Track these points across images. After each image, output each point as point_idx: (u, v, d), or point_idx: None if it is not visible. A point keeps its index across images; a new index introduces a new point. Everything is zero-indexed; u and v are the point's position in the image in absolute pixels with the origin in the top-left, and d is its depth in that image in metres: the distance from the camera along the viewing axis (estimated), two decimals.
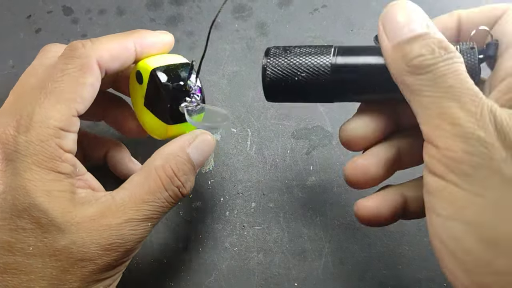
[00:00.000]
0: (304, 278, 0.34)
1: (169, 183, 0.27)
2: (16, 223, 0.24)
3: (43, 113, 0.25)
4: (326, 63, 0.28)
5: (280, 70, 0.28)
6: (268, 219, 0.37)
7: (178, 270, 0.35)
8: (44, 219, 0.24)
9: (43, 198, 0.25)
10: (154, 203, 0.27)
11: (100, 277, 0.26)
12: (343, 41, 0.45)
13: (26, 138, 0.25)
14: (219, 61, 0.44)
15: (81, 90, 0.27)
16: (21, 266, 0.24)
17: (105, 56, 0.28)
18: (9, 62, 0.45)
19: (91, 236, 0.25)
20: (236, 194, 0.38)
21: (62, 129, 0.26)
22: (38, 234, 0.24)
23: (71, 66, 0.27)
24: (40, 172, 0.25)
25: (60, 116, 0.26)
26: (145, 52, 0.31)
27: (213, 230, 0.36)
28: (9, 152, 0.25)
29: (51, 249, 0.24)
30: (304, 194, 0.37)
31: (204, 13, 0.47)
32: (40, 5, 0.48)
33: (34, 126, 0.25)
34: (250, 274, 0.35)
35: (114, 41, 0.29)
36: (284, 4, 0.48)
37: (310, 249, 0.35)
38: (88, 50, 0.27)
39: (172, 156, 0.28)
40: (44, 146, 0.25)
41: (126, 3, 0.48)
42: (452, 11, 0.30)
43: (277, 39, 0.45)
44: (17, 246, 0.24)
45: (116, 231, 0.26)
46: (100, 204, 0.26)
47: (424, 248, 0.35)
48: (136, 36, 0.30)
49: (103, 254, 0.25)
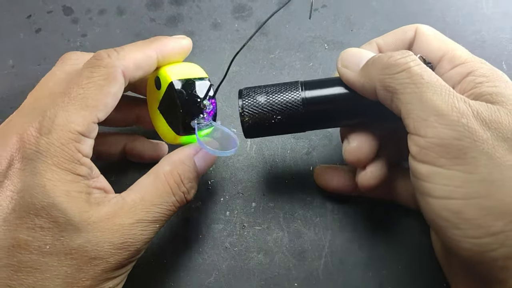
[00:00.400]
0: (304, 278, 0.34)
1: (176, 188, 0.29)
2: (34, 222, 0.25)
3: (66, 117, 0.26)
4: (298, 98, 0.30)
5: (257, 113, 0.30)
6: (268, 219, 0.37)
7: (178, 270, 0.35)
8: (62, 218, 0.25)
9: (62, 198, 0.25)
10: (162, 206, 0.28)
11: (111, 275, 0.27)
12: (343, 41, 0.45)
13: (48, 139, 0.26)
14: (219, 61, 0.44)
15: (105, 98, 0.28)
16: (36, 264, 0.25)
17: (130, 66, 0.29)
18: (9, 62, 0.45)
19: (104, 235, 0.26)
20: (236, 194, 0.38)
21: (83, 134, 0.27)
22: (55, 233, 0.25)
23: (97, 75, 0.28)
24: (60, 173, 0.26)
25: (83, 122, 0.27)
26: (166, 59, 0.32)
27: (213, 230, 0.36)
28: (29, 152, 0.26)
29: (67, 247, 0.25)
30: (304, 194, 0.37)
31: (204, 13, 0.47)
32: (40, 5, 0.48)
33: (56, 129, 0.26)
34: (250, 274, 0.35)
35: (138, 50, 0.30)
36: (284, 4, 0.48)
37: (310, 249, 0.35)
38: (114, 60, 0.28)
39: (179, 163, 0.30)
40: (65, 148, 0.26)
41: (126, 3, 0.48)
42: (370, 40, 0.34)
43: (277, 39, 0.45)
44: (34, 245, 0.25)
45: (128, 231, 0.27)
46: (112, 205, 0.27)
47: (424, 248, 0.35)
48: (157, 44, 0.31)
49: (115, 253, 0.26)
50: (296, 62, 0.44)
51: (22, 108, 0.30)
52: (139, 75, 0.30)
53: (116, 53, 0.29)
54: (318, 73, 0.43)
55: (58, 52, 0.45)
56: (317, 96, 0.31)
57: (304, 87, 0.31)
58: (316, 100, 0.30)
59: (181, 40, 0.33)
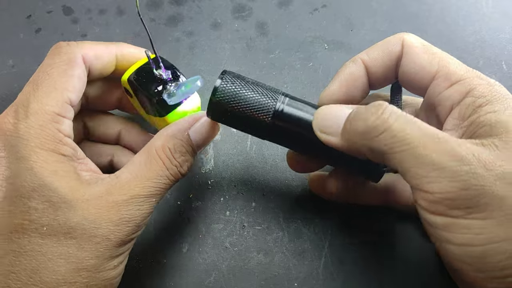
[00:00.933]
0: (304, 278, 0.34)
1: (169, 162, 0.29)
2: (28, 205, 0.25)
3: (39, 101, 0.27)
4: (270, 107, 0.30)
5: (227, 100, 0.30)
6: (268, 219, 0.37)
7: (178, 270, 0.35)
8: (54, 197, 0.25)
9: (51, 178, 0.26)
10: (156, 180, 0.29)
11: (114, 253, 0.27)
12: (343, 41, 0.45)
13: (26, 124, 0.26)
14: (219, 61, 0.44)
15: (71, 80, 0.29)
16: (37, 247, 0.25)
17: (89, 54, 0.30)
18: (9, 62, 0.45)
19: (100, 212, 0.26)
20: (236, 194, 0.38)
21: (59, 114, 0.27)
22: (50, 213, 0.25)
23: (58, 60, 0.29)
24: (45, 154, 0.26)
25: (56, 103, 0.27)
26: (125, 59, 0.33)
27: (213, 230, 0.36)
28: (10, 138, 0.26)
29: (64, 227, 0.25)
30: (304, 194, 0.37)
31: (204, 13, 0.47)
32: (40, 5, 0.48)
33: (32, 113, 0.26)
34: (250, 274, 0.35)
35: (98, 44, 0.32)
36: (284, 4, 0.48)
37: (310, 249, 0.35)
38: (73, 47, 0.30)
39: (170, 137, 0.30)
40: (44, 129, 0.26)
41: (126, 3, 0.48)
42: (354, 57, 0.32)
43: (277, 39, 0.45)
44: (31, 228, 0.25)
45: (124, 207, 0.27)
46: (105, 183, 0.27)
47: (424, 248, 0.35)
48: (118, 44, 0.33)
49: (114, 229, 0.26)
50: (296, 62, 0.44)
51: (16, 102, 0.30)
52: (99, 65, 0.32)
53: (75, 43, 0.31)
54: (318, 73, 0.43)
55: None
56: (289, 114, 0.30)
57: (283, 101, 0.30)
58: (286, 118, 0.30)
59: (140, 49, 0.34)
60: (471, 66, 0.42)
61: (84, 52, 0.30)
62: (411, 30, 0.45)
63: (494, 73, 0.42)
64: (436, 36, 0.45)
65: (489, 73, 0.42)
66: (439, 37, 0.45)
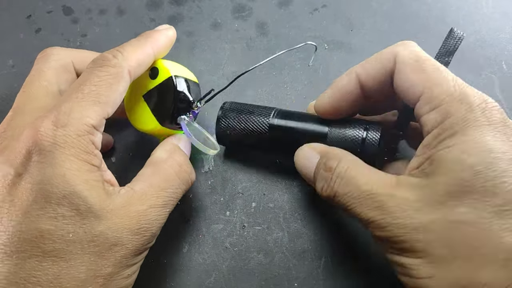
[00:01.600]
0: (304, 278, 0.34)
1: (179, 171, 0.32)
2: (56, 211, 0.25)
3: (81, 111, 0.28)
4: (265, 123, 0.35)
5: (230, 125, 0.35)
6: (268, 219, 0.37)
7: (178, 270, 0.35)
8: (83, 206, 0.26)
9: (82, 186, 0.26)
10: (169, 190, 0.30)
11: (130, 262, 0.28)
12: (343, 41, 0.45)
13: (65, 132, 0.27)
14: (219, 61, 0.44)
15: (113, 96, 0.29)
16: (61, 253, 0.25)
17: (134, 66, 0.31)
18: (9, 62, 0.45)
19: (123, 221, 0.27)
20: (236, 194, 0.38)
21: (95, 128, 0.28)
22: (77, 221, 0.26)
23: (106, 74, 0.29)
24: (78, 163, 0.27)
25: (96, 116, 0.28)
26: (161, 53, 0.34)
27: (213, 230, 0.36)
28: (47, 144, 0.26)
29: (89, 235, 0.26)
30: (304, 194, 0.37)
31: (204, 13, 0.47)
32: (40, 5, 0.48)
33: (72, 122, 0.27)
34: (250, 274, 0.35)
35: (139, 50, 0.32)
36: (284, 4, 0.48)
37: (310, 249, 0.35)
38: (121, 61, 0.30)
39: (173, 150, 0.33)
40: (81, 140, 0.27)
41: (126, 3, 0.48)
42: (350, 70, 0.32)
43: (277, 39, 0.45)
44: (57, 234, 0.25)
45: (144, 216, 0.28)
46: (123, 195, 0.28)
47: None
48: (151, 41, 0.33)
49: (132, 238, 0.27)
50: (296, 62, 0.44)
51: (19, 107, 0.30)
52: (140, 72, 0.32)
53: (120, 54, 0.31)
54: (318, 73, 0.43)
55: None
56: (282, 125, 0.34)
57: (276, 115, 0.35)
58: (280, 128, 0.34)
59: (168, 32, 0.34)
60: (471, 66, 0.43)
61: (130, 65, 0.31)
62: (411, 30, 0.45)
63: (494, 73, 0.42)
64: (436, 36, 0.45)
65: (489, 73, 0.42)
66: (439, 37, 0.45)
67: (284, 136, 0.34)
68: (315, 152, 0.32)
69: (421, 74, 0.28)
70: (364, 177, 0.28)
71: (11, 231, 0.25)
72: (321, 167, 0.31)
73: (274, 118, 0.35)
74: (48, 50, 0.33)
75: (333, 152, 0.31)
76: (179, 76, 0.34)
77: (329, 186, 0.30)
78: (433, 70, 0.28)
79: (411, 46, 0.30)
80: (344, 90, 0.32)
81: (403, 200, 0.26)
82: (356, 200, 0.28)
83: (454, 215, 0.24)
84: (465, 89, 0.27)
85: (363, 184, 0.28)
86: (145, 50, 0.32)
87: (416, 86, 0.28)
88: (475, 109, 0.26)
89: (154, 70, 0.34)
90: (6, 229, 0.25)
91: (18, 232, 0.25)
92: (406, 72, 0.29)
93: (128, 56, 0.31)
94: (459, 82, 0.27)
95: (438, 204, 0.25)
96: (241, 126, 0.35)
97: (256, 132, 0.35)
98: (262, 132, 0.35)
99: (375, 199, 0.27)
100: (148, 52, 0.32)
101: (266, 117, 0.35)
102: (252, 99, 0.42)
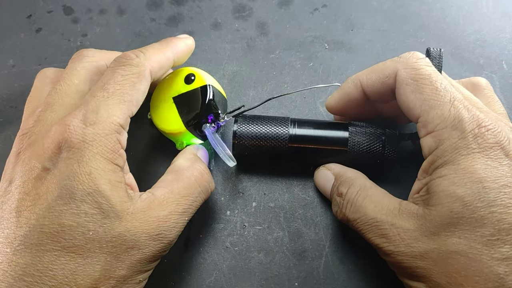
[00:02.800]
0: (304, 278, 0.34)
1: (200, 179, 0.32)
2: (79, 208, 0.25)
3: (108, 110, 0.28)
4: (284, 133, 0.35)
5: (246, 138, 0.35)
6: (269, 219, 0.37)
7: (179, 270, 0.35)
8: (105, 205, 0.26)
9: (106, 186, 0.26)
10: (189, 198, 0.30)
11: (144, 267, 0.28)
12: (343, 41, 0.45)
13: (94, 130, 0.27)
14: (219, 61, 0.44)
15: (137, 94, 0.30)
16: (79, 250, 0.25)
17: (155, 67, 0.32)
18: (9, 61, 0.45)
19: (142, 225, 0.27)
20: (237, 193, 0.38)
21: (122, 126, 0.28)
22: (98, 220, 0.26)
23: (130, 73, 0.30)
24: (103, 162, 0.27)
25: (122, 115, 0.28)
26: (180, 59, 0.35)
27: (213, 230, 0.36)
28: (76, 141, 0.27)
29: (108, 234, 0.26)
30: (305, 194, 0.37)
31: (204, 13, 0.47)
32: (41, 5, 0.48)
33: (100, 120, 0.27)
34: (250, 273, 0.35)
35: (160, 52, 0.33)
36: (284, 4, 0.48)
37: (311, 249, 0.35)
38: (143, 61, 0.31)
39: (195, 159, 0.33)
40: (108, 139, 0.27)
41: (126, 3, 0.48)
42: (354, 77, 0.34)
43: (277, 39, 0.45)
44: (78, 230, 0.25)
45: (163, 222, 0.28)
46: (145, 199, 0.28)
47: None
48: (171, 46, 0.34)
49: (150, 244, 0.27)
50: (297, 62, 0.44)
51: (50, 102, 0.30)
52: (161, 74, 0.33)
53: (143, 54, 0.31)
54: (318, 73, 0.43)
55: (58, 52, 0.45)
56: (302, 134, 0.35)
57: (293, 124, 0.35)
58: (300, 137, 0.35)
59: (187, 41, 0.36)
60: (472, 66, 0.43)
61: (152, 65, 0.31)
62: (411, 30, 0.45)
63: (494, 72, 0.42)
64: (436, 35, 0.45)
65: (489, 72, 0.42)
66: (439, 36, 0.45)
67: (304, 145, 0.35)
68: (330, 174, 0.34)
69: (419, 95, 0.28)
70: (371, 203, 0.30)
71: (33, 224, 0.25)
72: (334, 191, 0.33)
73: (293, 128, 0.35)
74: (84, 51, 0.34)
75: (345, 176, 0.33)
76: (213, 87, 0.36)
77: (341, 211, 0.32)
78: (430, 91, 0.28)
79: (412, 62, 0.30)
80: (348, 97, 0.34)
81: (403, 230, 0.27)
82: (365, 227, 0.29)
83: (447, 245, 0.25)
84: (460, 113, 0.27)
85: (370, 211, 0.29)
86: (166, 53, 0.33)
87: (414, 109, 0.29)
88: (467, 136, 0.26)
89: (191, 76, 0.36)
90: (28, 221, 0.25)
91: (40, 225, 0.25)
92: (405, 93, 0.29)
93: (150, 56, 0.31)
94: (456, 103, 0.27)
95: (433, 235, 0.26)
96: (260, 139, 0.35)
97: (275, 143, 0.35)
98: (281, 143, 0.35)
99: (380, 227, 0.28)
100: (169, 56, 0.33)
101: (284, 127, 0.35)
102: (252, 99, 0.42)
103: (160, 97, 0.37)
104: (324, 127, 0.35)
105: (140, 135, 0.41)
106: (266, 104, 0.40)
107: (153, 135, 0.40)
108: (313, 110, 0.41)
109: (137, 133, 0.41)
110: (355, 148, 0.34)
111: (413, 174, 0.30)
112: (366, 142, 0.34)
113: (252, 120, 0.36)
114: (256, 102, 0.42)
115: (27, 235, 0.25)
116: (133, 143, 0.40)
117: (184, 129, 0.35)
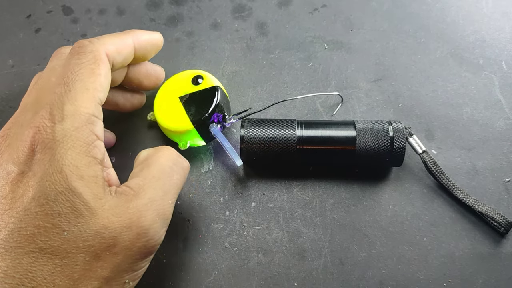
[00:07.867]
0: (303, 278, 0.34)
1: (169, 157, 0.31)
2: (53, 208, 0.25)
3: (73, 103, 0.27)
4: (293, 135, 0.35)
5: (253, 143, 0.35)
6: (268, 219, 0.37)
7: (178, 270, 0.35)
8: (78, 203, 0.25)
9: (77, 183, 0.26)
10: (166, 178, 0.30)
11: (130, 266, 0.27)
12: (343, 41, 0.45)
13: (62, 126, 0.26)
14: (218, 61, 0.44)
15: (98, 79, 0.29)
16: (56, 251, 0.25)
17: (111, 50, 0.31)
18: (9, 61, 0.45)
19: (121, 220, 0.26)
20: (236, 194, 0.38)
21: (93, 115, 0.28)
22: (72, 219, 0.25)
23: (85, 60, 0.29)
24: (76, 157, 0.26)
25: (89, 104, 0.28)
26: (142, 48, 0.34)
27: (213, 230, 0.36)
28: (47, 141, 0.26)
29: (84, 234, 0.25)
30: (304, 194, 0.37)
31: (204, 13, 0.47)
32: (40, 5, 0.48)
33: (68, 115, 0.27)
34: (249, 274, 0.35)
35: (116, 37, 0.32)
36: (284, 4, 0.48)
37: (310, 249, 0.35)
38: (97, 45, 0.30)
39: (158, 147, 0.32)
40: (79, 132, 0.27)
41: (126, 3, 0.48)
42: None
43: (276, 39, 0.45)
44: (53, 231, 0.25)
45: (145, 211, 0.27)
46: (119, 193, 0.28)
47: (424, 248, 0.35)
48: (132, 33, 0.33)
49: (132, 238, 0.26)
50: (296, 62, 0.44)
51: (25, 102, 0.30)
52: (121, 60, 0.32)
53: (96, 39, 0.31)
54: (317, 73, 0.43)
55: None
56: (310, 135, 0.35)
57: (301, 126, 0.36)
58: (309, 138, 0.35)
59: (154, 34, 0.35)
60: (471, 66, 0.43)
61: (107, 49, 0.30)
62: (411, 30, 0.45)
63: (494, 72, 0.42)
64: (436, 35, 0.45)
65: (489, 72, 0.42)
66: (439, 36, 0.45)
67: (312, 147, 0.35)
68: None
69: None
70: None
71: (11, 227, 0.25)
72: None
73: (300, 130, 0.35)
74: (62, 49, 0.33)
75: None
76: (222, 90, 0.38)
77: None
78: None
79: None
80: None
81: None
82: None
83: None
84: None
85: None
86: (124, 38, 0.32)
87: None
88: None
89: (198, 77, 0.38)
90: (6, 225, 0.25)
91: (17, 228, 0.25)
92: None
93: (105, 41, 0.31)
94: None
95: None
96: (267, 142, 0.35)
97: (283, 146, 0.35)
98: (290, 145, 0.35)
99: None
100: (127, 41, 0.33)
101: (291, 129, 0.35)
102: (252, 99, 0.42)
103: (165, 97, 0.38)
104: (331, 127, 0.36)
105: (140, 136, 0.41)
106: (265, 105, 0.40)
107: (153, 136, 0.40)
108: (312, 110, 0.41)
109: (137, 134, 0.41)
110: (364, 146, 0.34)
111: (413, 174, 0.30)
112: (373, 140, 0.34)
113: (258, 124, 0.36)
114: (255, 102, 0.42)
115: (6, 238, 0.25)
116: (133, 145, 0.40)
117: (191, 126, 0.36)
